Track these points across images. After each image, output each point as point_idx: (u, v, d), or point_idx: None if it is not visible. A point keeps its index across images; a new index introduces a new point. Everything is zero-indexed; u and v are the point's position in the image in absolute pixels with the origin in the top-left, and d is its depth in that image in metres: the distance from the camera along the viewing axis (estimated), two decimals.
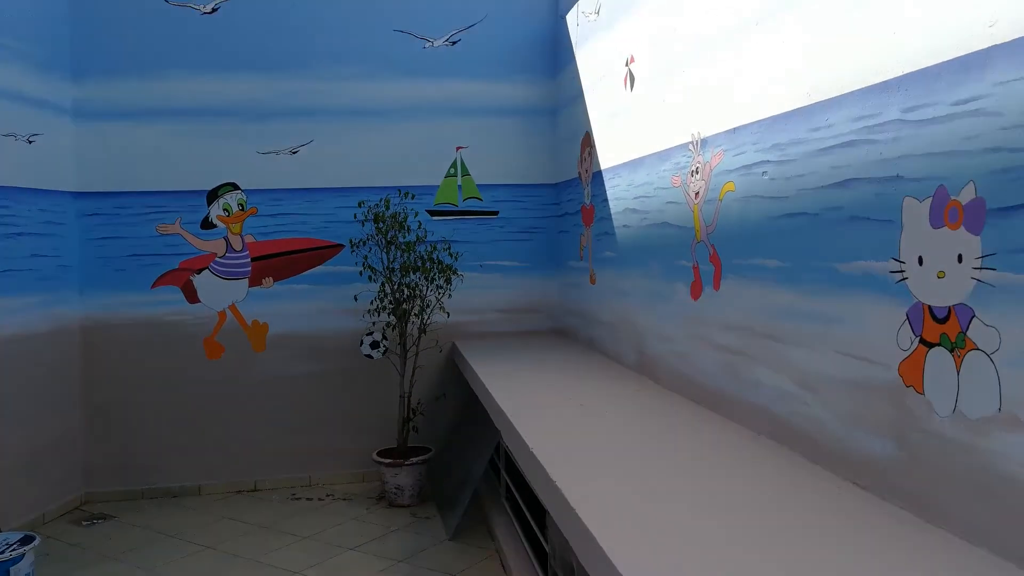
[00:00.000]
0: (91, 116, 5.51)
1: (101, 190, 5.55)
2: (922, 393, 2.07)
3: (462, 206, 5.93)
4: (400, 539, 4.74)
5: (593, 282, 5.07)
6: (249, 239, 5.70)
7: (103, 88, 5.51)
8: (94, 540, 4.89)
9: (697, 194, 3.40)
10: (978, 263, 1.86)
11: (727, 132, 3.10)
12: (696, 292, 3.46)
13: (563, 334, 5.90)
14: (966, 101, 1.89)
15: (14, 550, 3.84)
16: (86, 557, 4.62)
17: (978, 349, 1.88)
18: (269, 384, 5.75)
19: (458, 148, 5.90)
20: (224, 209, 5.66)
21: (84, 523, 5.19)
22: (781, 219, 2.73)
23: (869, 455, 2.30)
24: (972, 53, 1.86)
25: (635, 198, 4.17)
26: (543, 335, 5.95)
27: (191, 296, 5.66)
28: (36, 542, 3.96)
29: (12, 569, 3.78)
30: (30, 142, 5.05)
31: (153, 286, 5.61)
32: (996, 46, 1.79)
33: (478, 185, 5.93)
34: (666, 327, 3.82)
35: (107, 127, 5.53)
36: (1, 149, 4.80)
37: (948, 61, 1.94)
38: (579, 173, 5.30)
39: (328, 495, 5.57)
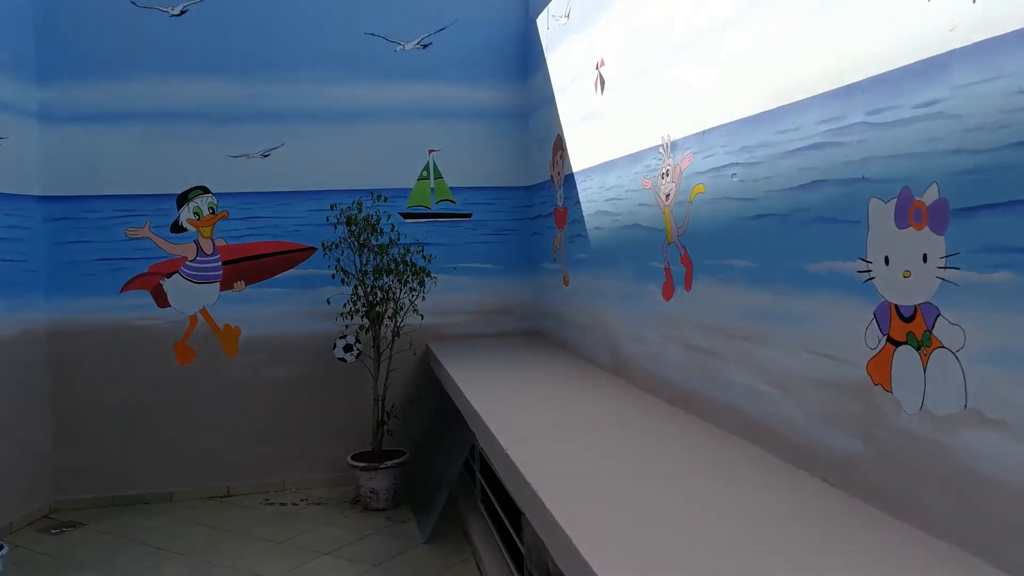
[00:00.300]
0: (58, 119, 5.43)
1: (69, 194, 5.46)
2: (890, 391, 2.11)
3: (435, 208, 5.92)
4: (375, 543, 4.72)
5: (567, 284, 5.09)
6: (220, 243, 5.65)
7: (70, 91, 5.43)
8: (64, 548, 4.81)
9: (668, 196, 3.43)
10: (942, 263, 1.90)
11: (696, 135, 3.13)
12: (668, 293, 3.49)
13: (537, 335, 5.92)
14: (928, 104, 1.92)
15: None
16: (56, 565, 4.55)
17: (943, 347, 1.92)
18: (242, 388, 5.70)
19: (431, 151, 5.89)
20: (194, 212, 5.61)
21: (53, 531, 5.10)
22: (750, 220, 2.77)
23: (839, 452, 2.33)
24: (933, 57, 1.90)
25: (607, 200, 4.19)
26: (517, 337, 5.96)
27: (161, 300, 5.59)
28: (4, 551, 3.90)
29: None
30: None
31: (123, 290, 5.54)
32: (956, 50, 1.83)
33: (451, 188, 5.93)
34: (639, 328, 3.84)
35: (75, 130, 5.45)
36: None
37: (910, 65, 1.98)
38: (551, 176, 5.32)
39: (302, 500, 5.53)
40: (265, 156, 5.67)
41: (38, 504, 5.35)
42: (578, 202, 4.69)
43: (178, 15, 5.51)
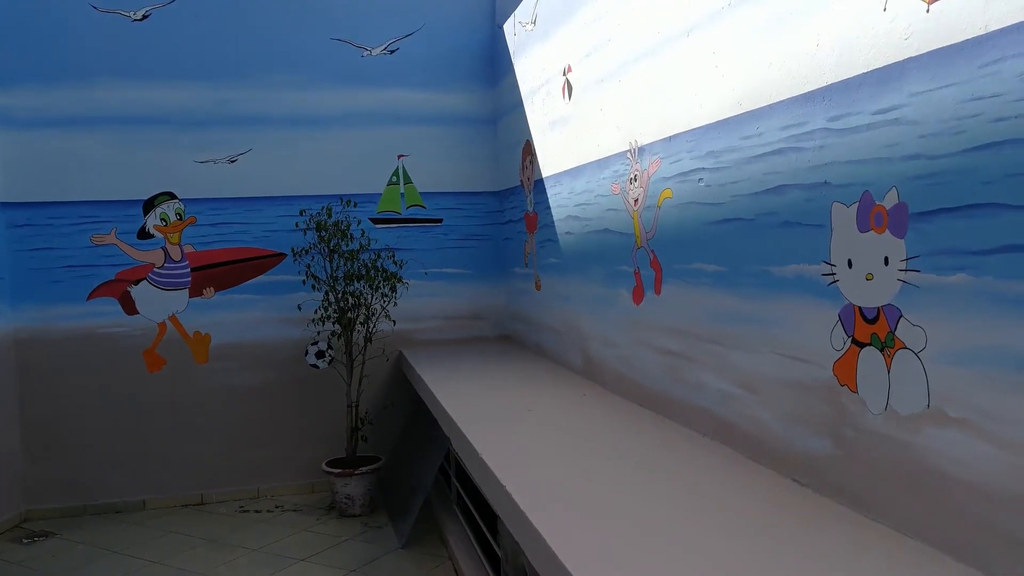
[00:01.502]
0: (19, 124, 5.34)
1: (32, 200, 5.39)
2: (856, 392, 2.15)
3: (405, 214, 5.91)
4: (352, 549, 4.71)
5: (538, 288, 5.11)
6: (188, 249, 5.59)
7: (31, 96, 5.35)
8: (37, 558, 4.76)
9: (636, 201, 3.46)
10: (903, 265, 1.95)
11: (663, 140, 3.17)
12: (638, 297, 3.52)
13: (510, 340, 5.93)
14: (886, 110, 1.97)
15: None
16: (27, 574, 4.50)
17: (906, 348, 1.96)
18: (213, 396, 5.65)
19: (400, 156, 5.88)
20: (161, 219, 5.55)
21: (25, 541, 5.04)
22: (718, 224, 2.81)
23: (808, 453, 2.37)
24: (890, 65, 1.95)
25: (576, 205, 4.22)
26: (490, 342, 5.97)
27: (129, 307, 5.53)
28: None
29: None
30: None
31: (89, 298, 5.47)
32: (911, 58, 1.88)
33: (421, 193, 5.93)
34: (610, 332, 3.87)
35: (36, 135, 5.37)
36: None
37: (868, 72, 2.03)
38: (521, 181, 5.34)
39: (277, 507, 5.50)
40: (232, 161, 5.62)
41: (9, 514, 5.28)
42: (548, 207, 4.71)
43: (140, 19, 5.45)
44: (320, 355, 5.73)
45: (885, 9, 1.96)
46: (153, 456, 5.57)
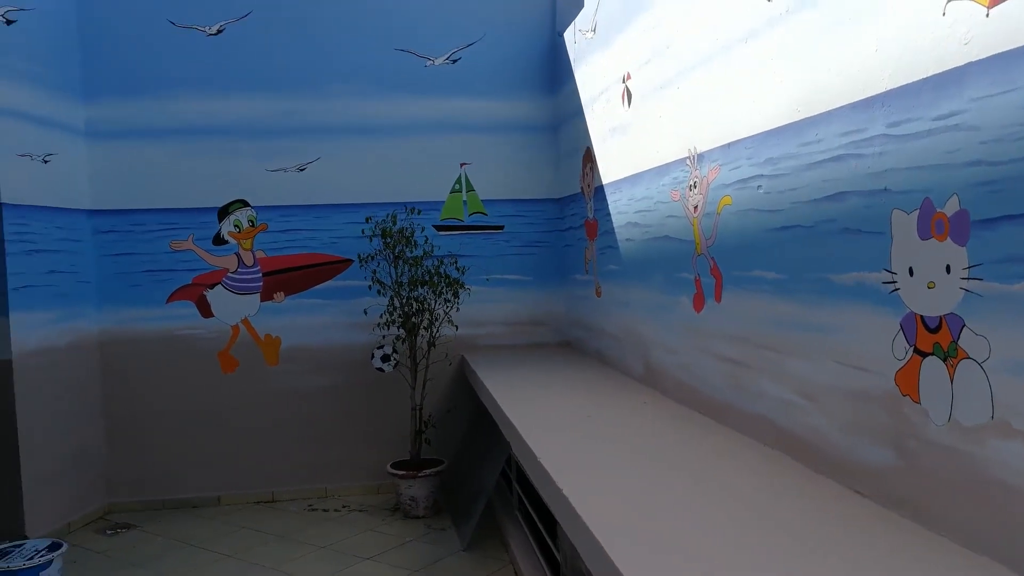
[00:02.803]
0: (104, 136, 5.63)
1: (116, 208, 5.67)
2: (918, 402, 2.12)
3: (468, 221, 6.00)
4: (416, 549, 4.80)
5: (599, 295, 5.12)
6: (260, 254, 5.80)
7: (114, 108, 5.64)
8: (118, 548, 5.02)
9: (696, 208, 3.46)
10: (965, 273, 1.91)
11: (722, 147, 3.16)
12: (699, 304, 3.51)
13: (571, 346, 5.95)
14: (946, 116, 1.94)
15: (42, 556, 3.95)
16: (111, 564, 4.76)
17: (969, 358, 1.92)
18: (283, 397, 5.84)
19: (462, 164, 5.97)
20: (235, 225, 5.77)
21: (108, 532, 5.31)
22: (777, 232, 2.79)
23: (869, 463, 2.34)
24: (949, 70, 1.92)
25: (636, 212, 4.22)
26: (551, 348, 6.00)
27: (205, 311, 5.76)
28: (64, 549, 4.08)
29: (42, 574, 3.89)
30: (45, 162, 5.18)
31: (168, 301, 5.73)
32: (971, 63, 1.85)
33: (483, 200, 6.01)
34: (671, 339, 3.87)
35: (120, 146, 5.65)
36: (17, 169, 4.92)
37: (927, 78, 2.00)
38: (582, 188, 5.36)
39: (344, 506, 5.65)
40: (301, 170, 5.81)
41: (94, 506, 5.57)
42: (608, 214, 4.72)
43: (215, 34, 5.69)
44: (386, 359, 5.86)
45: (944, 14, 1.93)
46: (227, 454, 5.79)
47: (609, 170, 4.70)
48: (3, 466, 4.85)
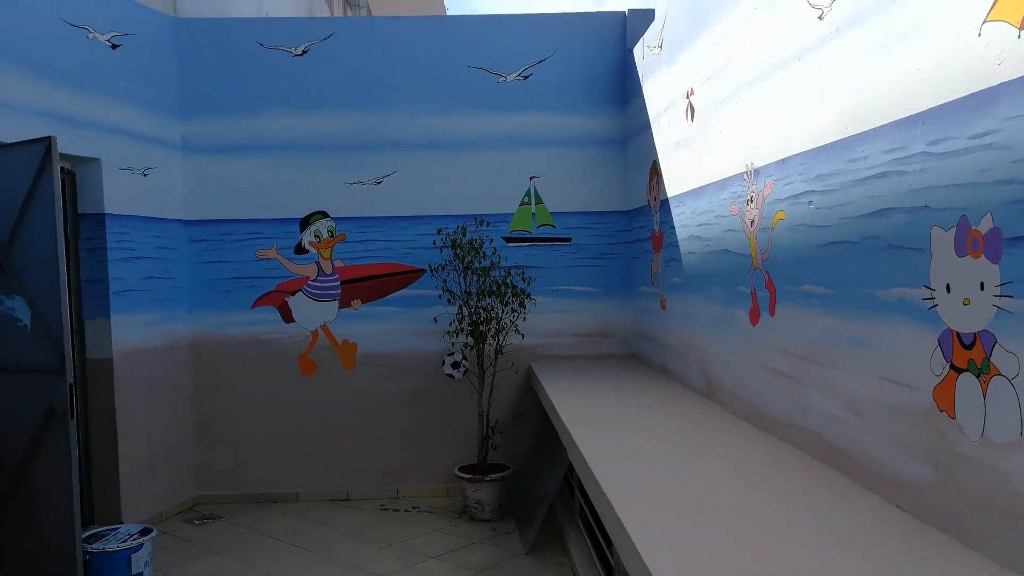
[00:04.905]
0: (198, 151, 6.02)
1: (208, 218, 6.04)
2: (954, 417, 2.13)
3: (536, 233, 6.12)
4: (480, 551, 4.95)
5: (663, 307, 5.16)
6: (339, 263, 6.07)
7: (208, 125, 6.01)
8: (204, 537, 5.36)
9: (752, 222, 3.49)
10: (998, 290, 1.93)
11: (777, 163, 3.20)
12: (754, 318, 3.54)
13: (636, 358, 6.00)
14: (981, 135, 1.96)
15: (135, 539, 4.26)
16: (197, 551, 5.10)
17: (1001, 375, 1.94)
18: (358, 400, 6.09)
19: (532, 177, 6.10)
20: (316, 235, 6.06)
21: (196, 522, 5.67)
22: (826, 247, 2.81)
23: (909, 478, 2.35)
24: (984, 90, 1.94)
25: (698, 225, 4.27)
26: (616, 359, 6.06)
27: (287, 316, 6.07)
28: (153, 533, 4.40)
29: (133, 556, 4.21)
30: (145, 175, 5.59)
31: (254, 306, 6.06)
32: (1004, 83, 1.87)
33: (552, 212, 6.11)
34: (729, 352, 3.90)
35: (212, 160, 6.03)
36: (120, 182, 5.34)
37: (964, 97, 2.02)
38: (648, 201, 5.42)
39: (414, 507, 5.85)
40: (378, 183, 6.05)
41: (184, 497, 5.96)
42: (673, 227, 4.77)
43: (300, 54, 6.00)
44: (456, 365, 6.04)
45: (980, 34, 1.96)
46: (306, 453, 6.08)
47: (673, 183, 4.75)
48: (104, 456, 5.25)
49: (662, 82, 4.94)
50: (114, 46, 5.31)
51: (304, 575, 4.67)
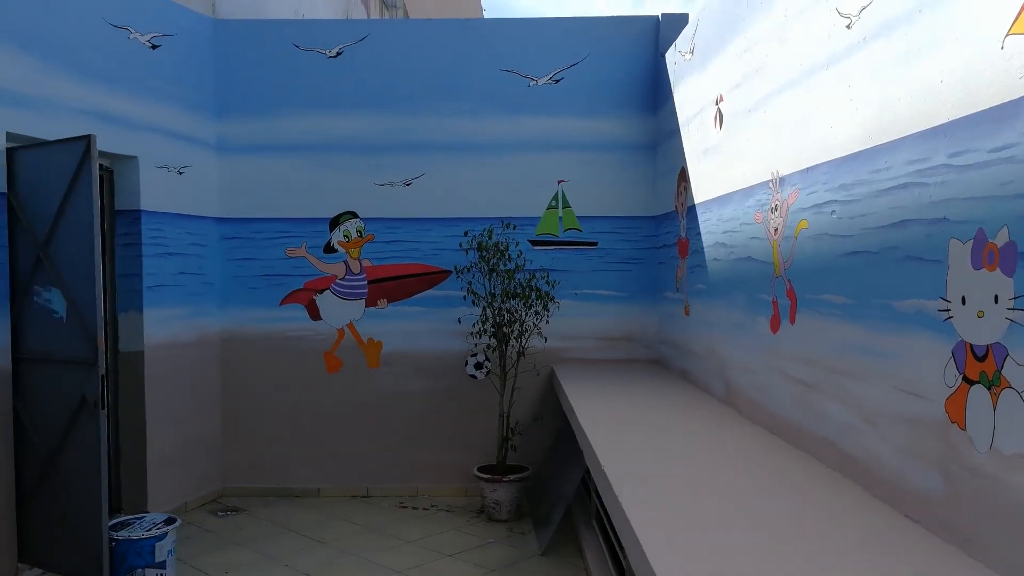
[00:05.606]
0: (232, 150, 6.13)
1: (240, 216, 6.15)
2: (964, 429, 2.13)
3: (562, 236, 6.14)
4: (496, 551, 4.99)
5: (687, 313, 5.17)
6: (366, 263, 6.15)
7: (242, 125, 6.12)
8: (228, 529, 5.46)
9: (776, 230, 3.50)
10: (1011, 304, 1.93)
11: (802, 171, 3.20)
12: (775, 326, 3.54)
13: (659, 364, 6.00)
14: (1001, 148, 1.96)
15: (159, 528, 4.37)
16: (220, 542, 5.20)
17: (1011, 387, 1.93)
18: (382, 398, 6.16)
19: (560, 181, 6.12)
20: (344, 235, 6.15)
21: (219, 513, 5.78)
22: (847, 257, 2.81)
23: (919, 489, 2.35)
24: (1005, 103, 1.94)
25: (724, 232, 4.27)
26: (639, 364, 6.06)
27: (314, 314, 6.16)
28: (178, 523, 4.49)
29: (157, 545, 4.31)
30: (180, 173, 5.71)
31: (281, 303, 6.16)
32: None
33: (579, 217, 6.13)
34: (749, 359, 3.90)
35: (245, 160, 6.14)
36: (156, 179, 5.47)
37: (986, 110, 2.02)
38: (676, 206, 5.42)
39: (432, 505, 5.91)
40: (407, 185, 6.13)
41: (209, 489, 6.07)
42: (699, 233, 4.78)
43: (335, 56, 6.10)
44: (479, 366, 6.09)
45: (1003, 47, 1.96)
46: (328, 449, 6.16)
47: (701, 190, 4.76)
48: (133, 447, 5.38)
49: (692, 88, 4.95)
50: (154, 46, 5.45)
51: (322, 569, 4.74)
